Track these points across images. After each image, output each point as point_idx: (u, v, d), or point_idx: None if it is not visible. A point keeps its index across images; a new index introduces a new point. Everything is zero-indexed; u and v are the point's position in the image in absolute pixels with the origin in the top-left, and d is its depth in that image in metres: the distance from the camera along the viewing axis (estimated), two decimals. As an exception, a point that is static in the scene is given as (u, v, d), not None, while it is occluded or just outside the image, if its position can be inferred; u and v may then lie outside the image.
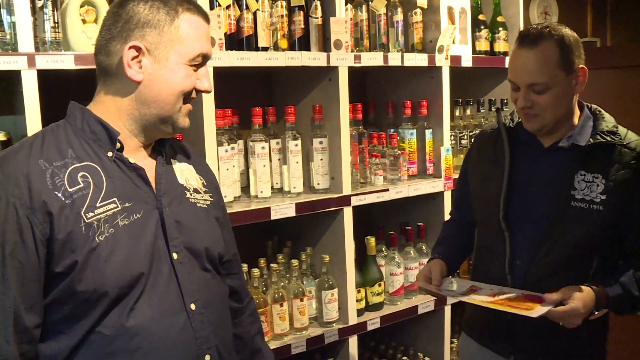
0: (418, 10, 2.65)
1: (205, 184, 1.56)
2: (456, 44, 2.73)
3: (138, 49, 1.33)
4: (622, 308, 1.72)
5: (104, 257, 1.27)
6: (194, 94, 1.42)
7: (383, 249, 2.68)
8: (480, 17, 2.92)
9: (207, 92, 1.44)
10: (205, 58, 1.41)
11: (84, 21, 1.79)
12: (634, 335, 3.22)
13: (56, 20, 1.76)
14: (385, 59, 2.46)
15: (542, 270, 1.73)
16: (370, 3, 2.54)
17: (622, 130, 1.76)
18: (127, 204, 1.33)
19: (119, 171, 1.35)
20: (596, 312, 1.66)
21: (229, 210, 2.04)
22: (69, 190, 1.27)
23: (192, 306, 1.38)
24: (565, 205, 1.72)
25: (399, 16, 2.60)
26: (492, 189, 1.85)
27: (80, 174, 1.30)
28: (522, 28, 2.86)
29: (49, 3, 1.75)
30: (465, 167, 2.06)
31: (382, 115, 2.82)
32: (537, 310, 1.58)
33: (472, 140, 2.18)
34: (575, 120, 1.78)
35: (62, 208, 1.25)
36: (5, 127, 1.86)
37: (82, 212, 1.27)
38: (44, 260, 1.25)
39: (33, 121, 1.67)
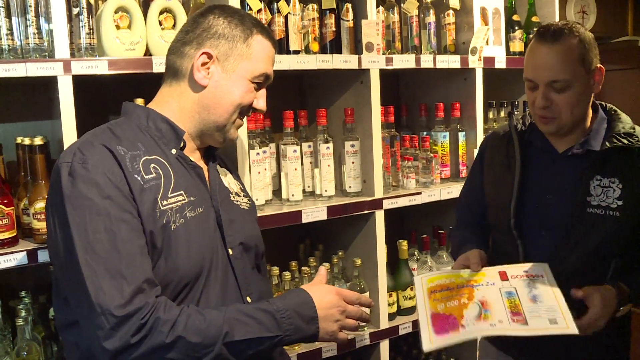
0: (450, 12, 2.62)
1: (242, 188, 1.65)
2: (490, 45, 2.69)
3: (210, 56, 1.42)
4: None
5: (178, 246, 1.32)
6: (249, 111, 1.50)
7: (415, 253, 2.66)
8: (515, 17, 2.87)
9: (262, 111, 1.53)
10: (266, 80, 1.50)
11: (117, 27, 1.82)
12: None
13: (91, 27, 1.80)
14: (418, 61, 2.44)
15: (558, 277, 1.66)
16: (402, 5, 2.52)
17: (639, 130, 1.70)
18: (192, 198, 1.39)
19: (182, 168, 1.42)
20: (621, 309, 1.60)
21: (260, 214, 2.07)
22: (145, 177, 1.32)
23: (248, 299, 1.45)
24: (581, 213, 1.66)
25: (431, 18, 2.57)
26: (503, 195, 1.80)
27: (152, 165, 1.35)
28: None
29: (85, 10, 1.78)
30: (478, 169, 1.97)
31: (415, 117, 2.80)
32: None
33: (482, 140, 2.08)
34: (588, 122, 1.72)
35: (142, 191, 1.30)
36: (43, 132, 1.91)
37: (158, 199, 1.32)
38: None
39: (68, 126, 1.71)
